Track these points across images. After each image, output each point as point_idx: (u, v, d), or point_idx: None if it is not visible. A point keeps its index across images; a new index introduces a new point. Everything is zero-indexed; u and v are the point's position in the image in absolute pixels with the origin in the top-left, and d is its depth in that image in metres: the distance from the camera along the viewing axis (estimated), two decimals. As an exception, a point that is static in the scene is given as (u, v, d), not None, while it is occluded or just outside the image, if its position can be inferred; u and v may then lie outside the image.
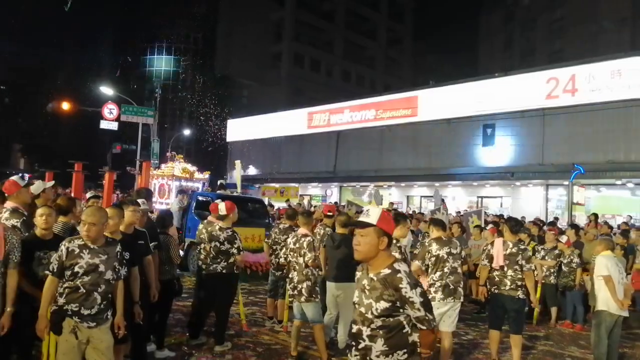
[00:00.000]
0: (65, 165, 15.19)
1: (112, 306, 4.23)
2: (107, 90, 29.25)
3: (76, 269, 3.96)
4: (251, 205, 13.86)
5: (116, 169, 18.58)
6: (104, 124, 25.52)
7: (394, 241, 6.19)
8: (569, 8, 49.38)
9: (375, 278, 2.95)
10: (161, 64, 70.38)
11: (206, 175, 16.31)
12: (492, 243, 7.01)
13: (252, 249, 11.27)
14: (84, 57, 61.73)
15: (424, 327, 2.91)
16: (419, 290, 2.88)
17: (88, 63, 61.25)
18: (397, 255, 5.93)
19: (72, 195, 11.15)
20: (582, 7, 47.19)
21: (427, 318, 2.90)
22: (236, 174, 16.26)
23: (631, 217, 17.60)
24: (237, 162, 16.24)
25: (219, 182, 15.43)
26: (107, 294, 4.12)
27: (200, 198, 12.75)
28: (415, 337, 2.95)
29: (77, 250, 4.00)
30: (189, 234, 11.93)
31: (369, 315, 2.94)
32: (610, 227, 13.16)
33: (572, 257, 9.45)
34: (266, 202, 24.82)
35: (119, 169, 21.12)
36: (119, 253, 4.25)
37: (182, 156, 15.90)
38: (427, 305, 2.90)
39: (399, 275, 2.89)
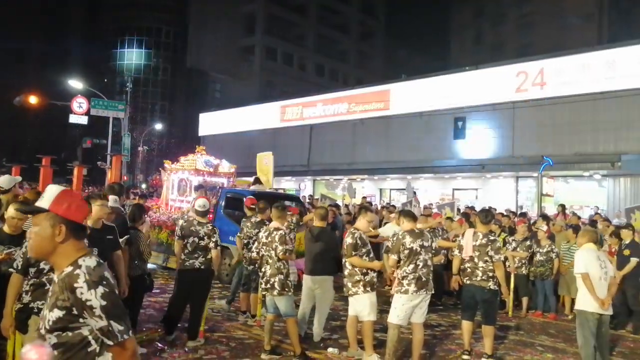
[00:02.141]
0: (33, 159, 14.75)
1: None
2: (76, 83, 28.70)
3: (42, 265, 3.87)
4: (288, 203, 12.13)
5: (87, 163, 18.29)
6: (73, 118, 25.11)
7: (355, 231, 6.20)
8: (537, 3, 50.22)
9: (56, 280, 2.24)
10: (132, 57, 69.24)
11: (232, 169, 14.24)
12: (463, 234, 7.10)
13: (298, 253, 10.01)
14: (53, 50, 60.52)
15: (111, 343, 2.17)
16: (101, 290, 2.14)
17: (57, 56, 60.08)
18: (349, 240, 6.06)
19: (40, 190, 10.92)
20: (550, 2, 48.05)
21: (111, 329, 2.14)
22: (265, 168, 14.69)
23: (598, 208, 18.01)
24: (263, 155, 14.98)
25: (254, 177, 13.57)
26: None
27: (230, 195, 11.32)
28: (108, 357, 2.22)
29: None
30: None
31: (42, 331, 2.20)
32: (579, 218, 13.43)
33: (552, 247, 9.63)
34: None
35: (90, 164, 20.80)
36: None
37: (203, 148, 13.84)
38: (111, 311, 2.14)
39: (77, 271, 2.17)
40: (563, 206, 15.05)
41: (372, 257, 6.37)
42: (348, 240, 6.19)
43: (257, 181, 13.24)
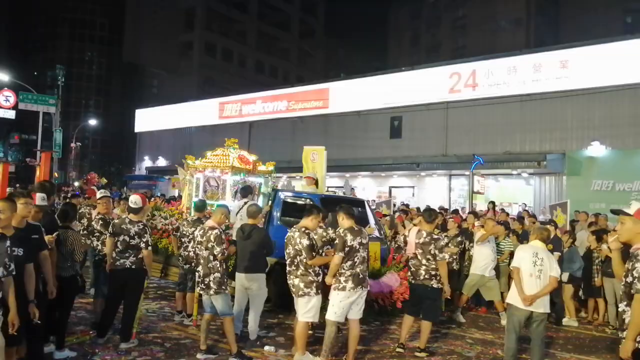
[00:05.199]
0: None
1: (3, 305, 3.99)
2: (1, 75, 27.40)
3: None
4: (354, 210, 10.34)
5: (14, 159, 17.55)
6: (-1, 112, 23.93)
7: (304, 229, 6.20)
8: (471, 7, 52.03)
9: None
10: (65, 49, 66.46)
11: (270, 167, 11.40)
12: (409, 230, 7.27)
13: (370, 273, 7.81)
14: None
15: None
16: None
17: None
18: (305, 242, 6.02)
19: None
20: (482, 7, 49.91)
21: None
22: (313, 165, 12.21)
23: (525, 205, 18.84)
24: (310, 149, 12.55)
25: (306, 176, 10.98)
26: None
27: (287, 199, 9.30)
28: None
29: None
30: (275, 250, 7.61)
31: None
32: (507, 215, 14.00)
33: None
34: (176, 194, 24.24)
35: (18, 160, 19.90)
36: (8, 248, 4.01)
37: (235, 140, 11.19)
38: None
39: None
40: (493, 203, 15.64)
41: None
42: (304, 242, 6.02)
43: (314, 182, 10.73)
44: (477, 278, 9.00)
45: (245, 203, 8.58)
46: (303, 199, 9.14)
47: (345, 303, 5.98)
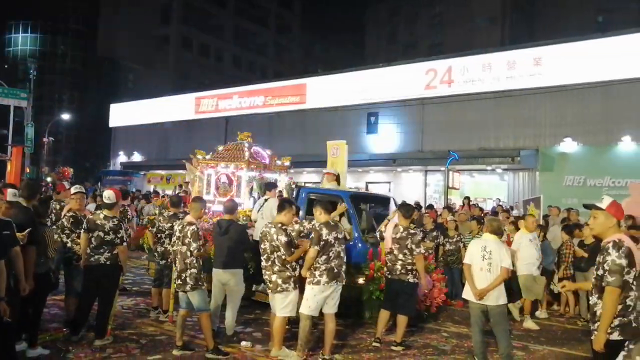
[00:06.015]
0: None
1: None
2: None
3: None
4: (381, 207, 9.65)
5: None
6: (-33, 106, 23.43)
7: (280, 225, 6.21)
8: (448, 5, 52.55)
9: None
10: (36, 43, 65.19)
11: (286, 162, 10.94)
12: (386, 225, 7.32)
13: None
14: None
15: None
16: None
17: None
18: (283, 238, 6.05)
19: None
20: (459, 5, 50.46)
21: None
22: (334, 160, 11.67)
23: (500, 200, 19.11)
24: (332, 143, 11.97)
25: (325, 172, 10.20)
26: None
27: (314, 197, 8.62)
28: None
29: None
30: None
31: None
32: (481, 209, 14.20)
33: (460, 236, 10.27)
34: (151, 189, 24.02)
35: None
36: None
37: (249, 134, 10.59)
38: None
39: None
40: (468, 198, 15.85)
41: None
42: (282, 239, 6.01)
43: (335, 178, 9.84)
44: (531, 279, 8.74)
45: (266, 200, 8.27)
46: (331, 197, 8.46)
47: (320, 297, 6.02)
